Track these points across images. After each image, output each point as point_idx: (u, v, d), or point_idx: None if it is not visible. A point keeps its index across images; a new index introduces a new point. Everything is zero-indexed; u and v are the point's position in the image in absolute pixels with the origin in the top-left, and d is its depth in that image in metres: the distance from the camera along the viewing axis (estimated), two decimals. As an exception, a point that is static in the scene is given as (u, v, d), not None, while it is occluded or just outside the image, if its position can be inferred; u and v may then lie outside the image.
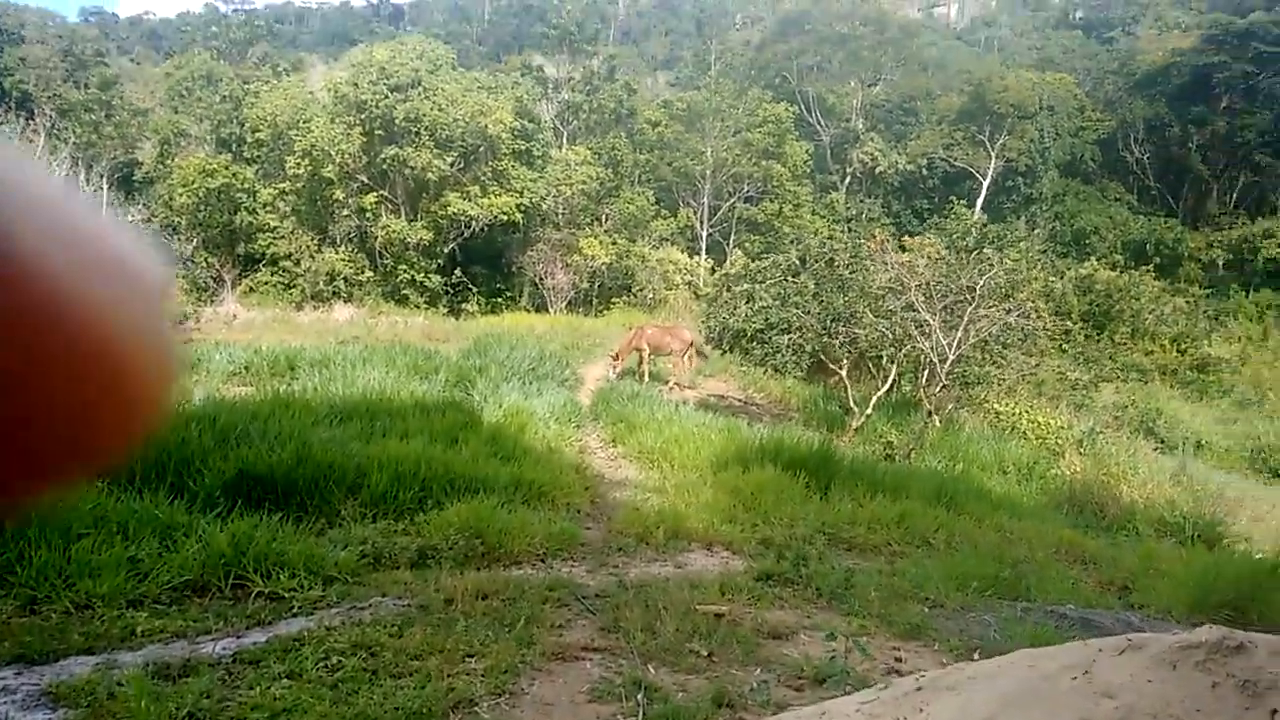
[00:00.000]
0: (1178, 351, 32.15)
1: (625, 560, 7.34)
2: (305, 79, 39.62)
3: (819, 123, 52.05)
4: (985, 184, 45.25)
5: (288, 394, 10.68)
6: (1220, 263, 44.27)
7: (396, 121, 31.97)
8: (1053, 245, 37.66)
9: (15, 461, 0.35)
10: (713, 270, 39.15)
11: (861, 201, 47.95)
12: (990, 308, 14.30)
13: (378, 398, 11.31)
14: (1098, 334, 32.03)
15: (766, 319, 14.44)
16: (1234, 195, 54.96)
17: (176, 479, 7.60)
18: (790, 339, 13.82)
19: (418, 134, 32.13)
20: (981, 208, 43.79)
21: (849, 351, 14.31)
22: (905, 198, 49.18)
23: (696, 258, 40.29)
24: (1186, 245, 43.76)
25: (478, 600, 6.09)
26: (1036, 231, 30.71)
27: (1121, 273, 35.38)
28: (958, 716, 2.58)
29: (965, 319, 13.34)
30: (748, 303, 15.22)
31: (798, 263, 15.77)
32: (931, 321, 13.26)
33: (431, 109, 31.89)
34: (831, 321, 13.60)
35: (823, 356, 15.78)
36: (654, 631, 5.69)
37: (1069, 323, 26.34)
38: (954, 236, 17.31)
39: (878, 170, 48.45)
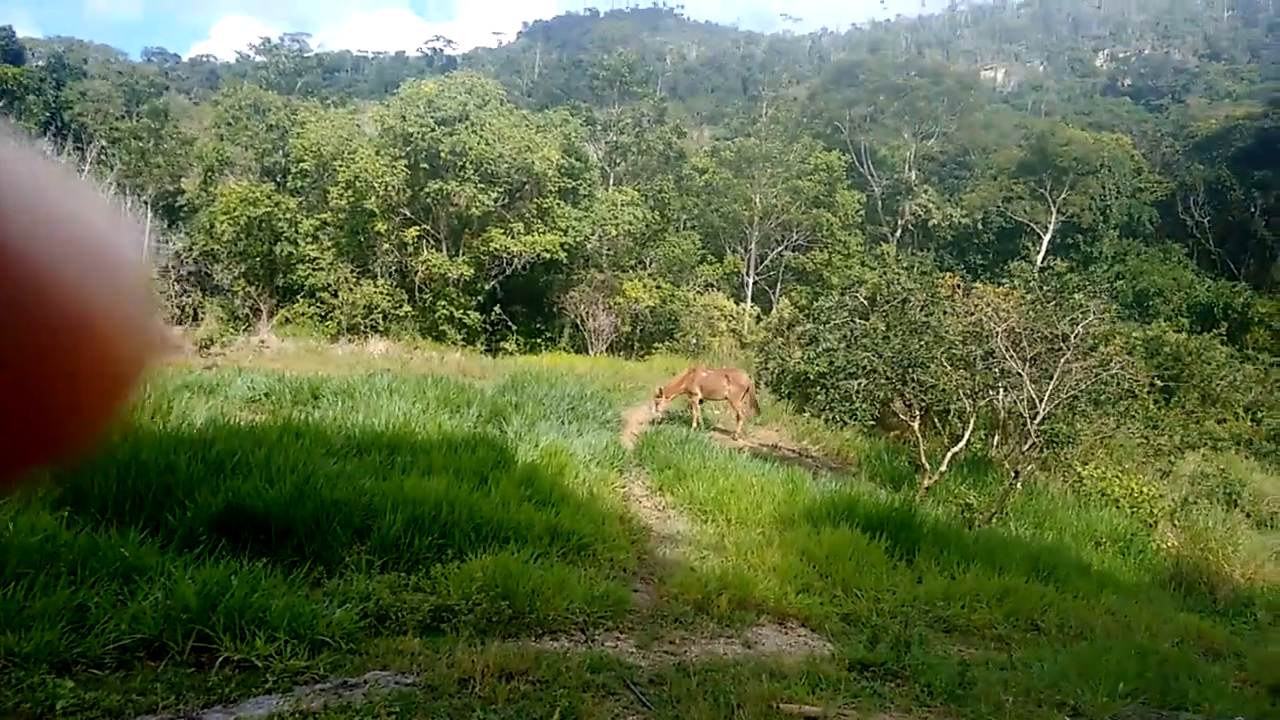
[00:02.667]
0: (1252, 420, 30.13)
1: (683, 635, 6.00)
2: (354, 113, 39.45)
3: (870, 174, 51.00)
4: (1046, 240, 43.63)
5: (300, 422, 9.53)
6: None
7: (442, 155, 31.41)
8: (1116, 307, 35.96)
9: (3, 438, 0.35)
10: (758, 319, 37.96)
11: (913, 254, 46.53)
12: (1081, 359, 12.83)
13: (401, 429, 10.14)
14: (1166, 400, 30.15)
15: (831, 362, 13.09)
16: (1299, 264, 52.74)
17: (155, 511, 6.45)
18: (860, 384, 12.43)
19: (463, 168, 31.50)
20: (1040, 266, 42.19)
21: (923, 401, 12.88)
22: (959, 252, 47.71)
23: (742, 304, 39.07)
24: (1256, 310, 41.64)
25: (501, 681, 4.80)
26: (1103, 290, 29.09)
27: (1189, 336, 33.52)
28: None
29: (1059, 370, 11.89)
30: (810, 344, 13.91)
31: (866, 304, 14.45)
32: (1021, 372, 11.82)
33: (478, 143, 31.29)
34: (907, 367, 12.20)
35: (889, 407, 14.41)
36: (728, 739, 4.35)
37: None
38: (1030, 283, 15.88)
39: (930, 223, 47.16)
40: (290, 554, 6.27)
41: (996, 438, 15.86)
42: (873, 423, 15.69)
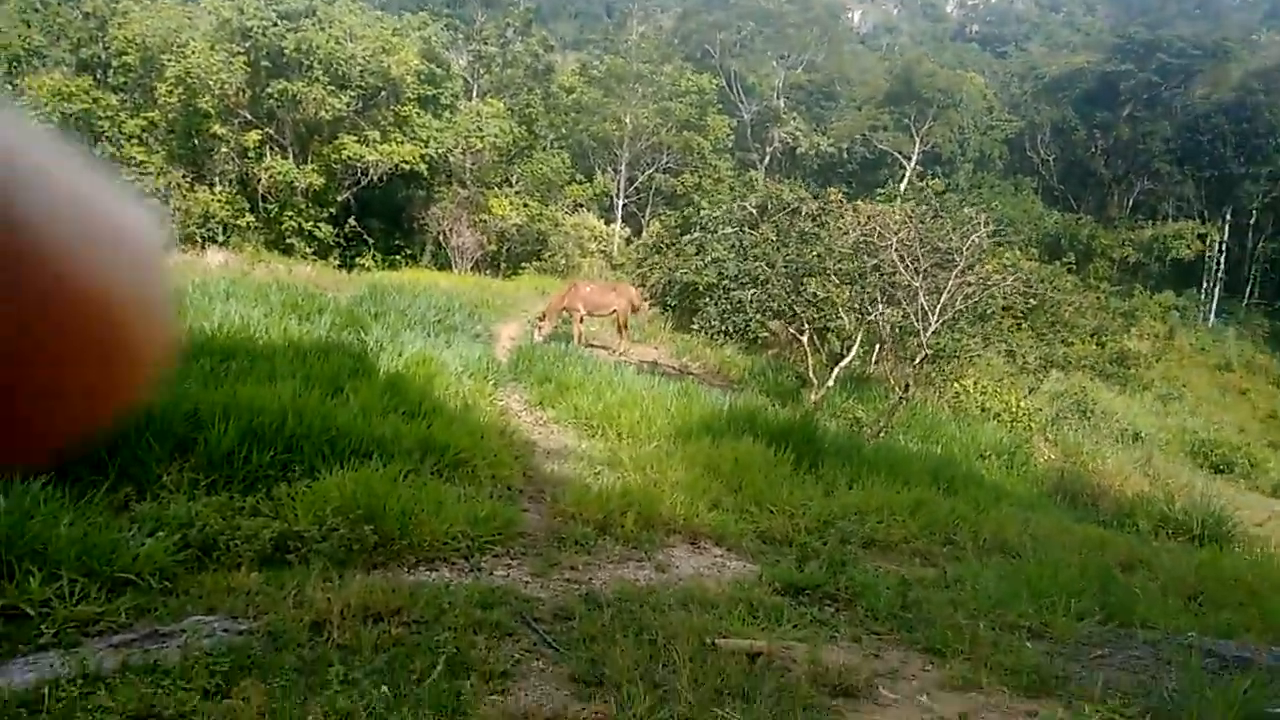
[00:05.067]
0: (1097, 344, 31.90)
1: (585, 560, 5.09)
2: (185, 2, 35.22)
3: (740, 100, 50.35)
4: (909, 169, 44.39)
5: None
6: (1131, 261, 44.81)
7: (286, 53, 28.30)
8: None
9: (16, 426, 0.35)
10: (628, 241, 37.02)
11: (781, 181, 46.48)
12: (965, 275, 12.58)
13: (238, 335, 8.66)
14: (1018, 324, 31.43)
15: (721, 272, 12.30)
16: (1131, 200, 56.23)
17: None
18: (753, 294, 11.70)
19: (310, 68, 28.56)
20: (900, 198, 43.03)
21: (811, 316, 12.32)
22: (824, 181, 47.87)
23: (612, 225, 37.94)
24: (1099, 242, 44.08)
25: (366, 624, 3.77)
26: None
27: (1039, 265, 35.00)
28: None
29: (951, 283, 11.55)
30: (697, 253, 13.06)
31: (755, 213, 13.68)
32: (915, 284, 11.39)
33: (326, 41, 28.36)
34: (801, 276, 11.55)
35: (767, 325, 13.85)
36: (659, 685, 3.48)
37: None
38: (917, 200, 15.58)
39: (798, 150, 47.20)
40: (89, 473, 4.93)
41: (875, 354, 15.66)
42: (751, 339, 15.15)
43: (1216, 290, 47.74)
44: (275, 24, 28.80)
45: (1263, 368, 37.78)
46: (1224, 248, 48.02)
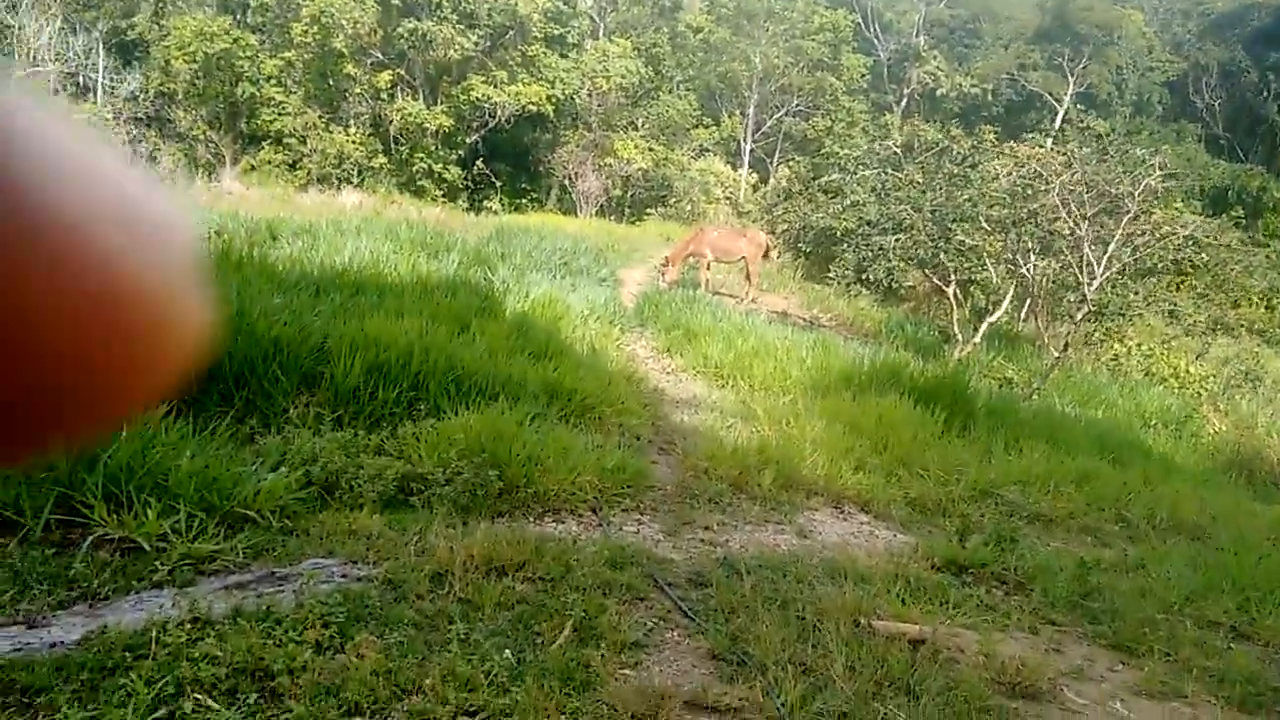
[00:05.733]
0: (1266, 308, 29.16)
1: (720, 520, 4.70)
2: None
3: (876, 38, 47.88)
4: (1061, 112, 41.25)
5: (243, 254, 7.93)
6: (1310, 216, 40.66)
7: (415, -10, 28.52)
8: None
9: (48, 412, 0.35)
10: (755, 187, 35.94)
11: (917, 125, 44.17)
12: (1136, 223, 11.40)
13: (367, 270, 8.60)
14: (1178, 282, 29.01)
15: (861, 217, 11.52)
16: (1309, 151, 50.90)
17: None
18: (897, 240, 10.90)
19: (439, 6, 28.61)
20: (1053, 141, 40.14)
21: (959, 265, 11.42)
22: (966, 125, 45.23)
23: (739, 171, 36.90)
24: (1272, 194, 40.08)
25: (490, 578, 3.49)
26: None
27: (1206, 219, 32.12)
28: None
29: (1121, 231, 10.45)
30: (834, 197, 12.27)
31: (899, 153, 12.74)
32: (1080, 232, 10.35)
33: (457, -22, 28.38)
34: (951, 223, 10.67)
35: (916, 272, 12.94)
36: (810, 671, 3.07)
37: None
38: (1078, 141, 14.21)
39: (939, 92, 44.55)
40: (215, 404, 4.85)
41: (1024, 310, 14.55)
42: (888, 290, 14.31)
43: None
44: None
45: None
46: None
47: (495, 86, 29.62)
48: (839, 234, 12.47)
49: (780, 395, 7.68)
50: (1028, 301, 14.05)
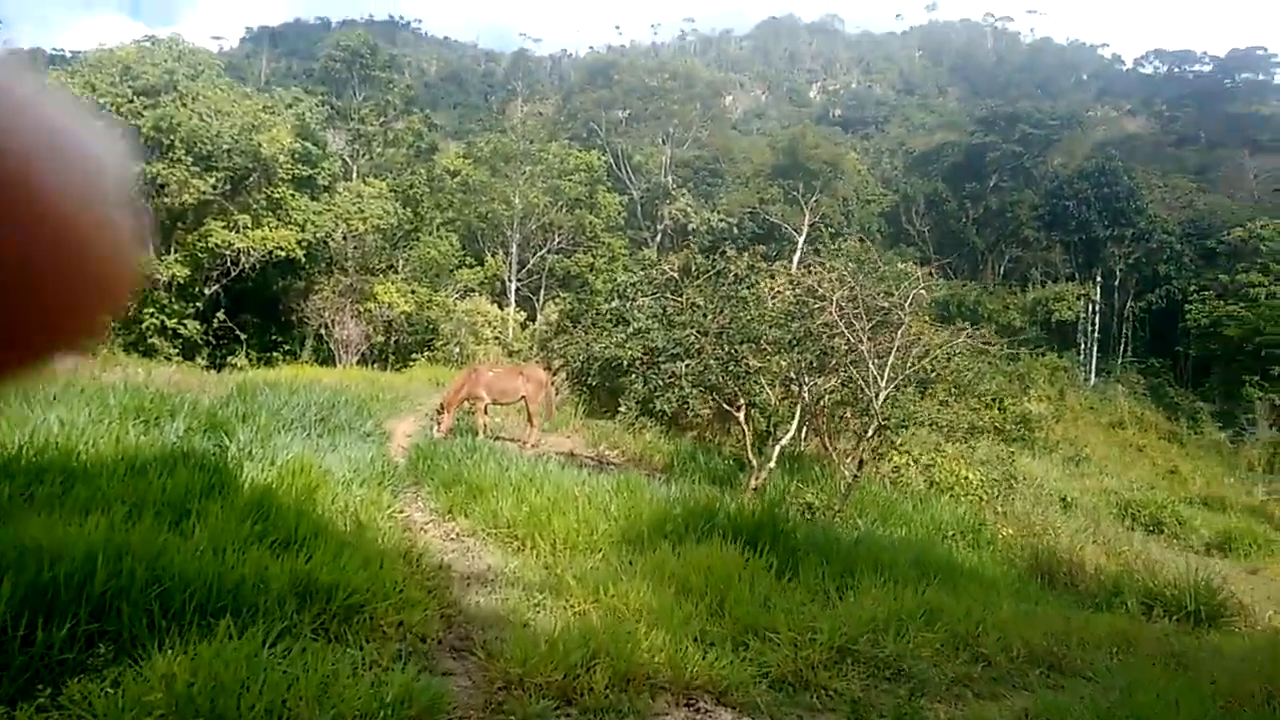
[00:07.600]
0: (999, 408, 32.04)
1: (548, 755, 3.49)
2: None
3: (629, 178, 50.28)
4: (801, 240, 44.68)
5: None
6: (1016, 324, 46.11)
7: (144, 132, 26.17)
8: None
9: None
10: (524, 325, 35.49)
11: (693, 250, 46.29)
12: (905, 334, 11.72)
13: (55, 448, 6.73)
14: (920, 392, 31.35)
15: (646, 344, 10.99)
16: (1003, 267, 58.67)
17: None
18: (687, 365, 10.39)
19: (171, 147, 26.45)
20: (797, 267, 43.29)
21: (745, 388, 11.10)
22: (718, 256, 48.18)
23: (507, 309, 36.40)
24: (986, 307, 45.24)
25: None
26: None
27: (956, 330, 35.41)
28: None
29: (897, 342, 10.59)
30: (617, 325, 11.73)
31: (676, 276, 12.49)
32: (862, 346, 10.37)
33: (189, 118, 26.38)
34: (739, 343, 10.34)
35: (686, 405, 12.56)
36: None
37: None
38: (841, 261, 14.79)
39: (690, 227, 47.07)
40: None
41: (804, 430, 14.55)
42: (671, 421, 13.86)
43: (1094, 350, 49.68)
44: (131, 100, 26.68)
45: (1152, 423, 38.93)
46: (1096, 308, 50.21)
47: (237, 231, 27.51)
48: (625, 364, 11.88)
49: (589, 554, 6.62)
50: (808, 420, 14.03)
